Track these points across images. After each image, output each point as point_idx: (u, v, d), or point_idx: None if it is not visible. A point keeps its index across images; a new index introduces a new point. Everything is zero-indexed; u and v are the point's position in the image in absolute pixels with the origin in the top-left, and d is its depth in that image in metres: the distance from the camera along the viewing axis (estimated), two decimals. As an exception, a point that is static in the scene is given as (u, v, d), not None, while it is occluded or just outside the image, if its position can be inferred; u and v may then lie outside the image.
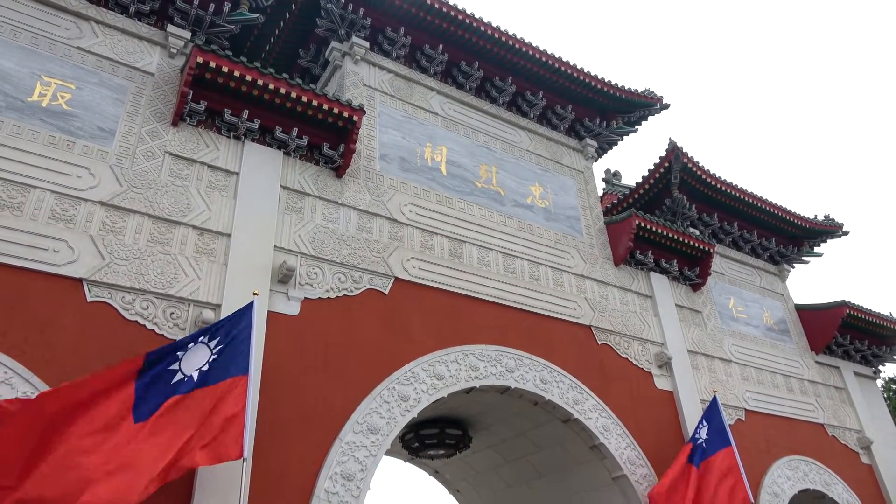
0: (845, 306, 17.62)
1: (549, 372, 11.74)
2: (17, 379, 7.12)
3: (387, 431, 9.40)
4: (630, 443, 12.11)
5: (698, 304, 15.77)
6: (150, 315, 8.30)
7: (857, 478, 16.11)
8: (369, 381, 9.62)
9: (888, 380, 33.10)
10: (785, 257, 19.19)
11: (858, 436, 17.02)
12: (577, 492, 13.02)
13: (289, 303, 9.48)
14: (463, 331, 11.08)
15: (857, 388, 18.08)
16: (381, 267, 10.71)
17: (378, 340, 10.05)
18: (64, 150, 8.77)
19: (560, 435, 12.35)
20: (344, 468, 8.75)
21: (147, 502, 7.12)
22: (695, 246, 15.35)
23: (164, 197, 9.19)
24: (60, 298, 7.82)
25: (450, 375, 10.46)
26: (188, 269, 8.84)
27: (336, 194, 10.97)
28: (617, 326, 13.49)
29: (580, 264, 13.76)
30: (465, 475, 15.40)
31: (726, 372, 15.17)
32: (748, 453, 13.65)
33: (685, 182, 16.24)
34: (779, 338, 17.35)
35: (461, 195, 12.73)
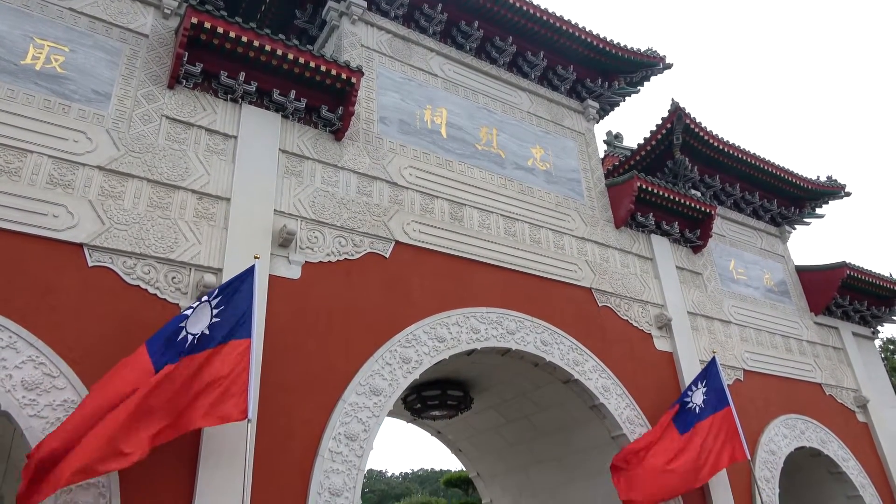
0: (845, 267, 17.65)
1: (550, 334, 11.82)
2: (22, 343, 7.17)
3: (389, 393, 9.51)
4: (629, 403, 12.27)
5: (699, 266, 15.79)
6: (151, 280, 8.32)
7: (852, 436, 16.36)
8: (371, 344, 9.70)
9: (886, 340, 33.40)
10: (786, 219, 19.14)
11: (855, 395, 17.23)
12: (577, 450, 13.25)
13: (290, 267, 9.49)
14: (464, 294, 11.12)
15: (856, 348, 18.24)
16: (381, 230, 10.69)
17: (379, 303, 10.10)
18: (60, 114, 8.67)
19: (560, 395, 12.50)
20: (347, 429, 8.88)
21: (154, 465, 7.29)
22: (696, 208, 15.30)
23: (163, 161, 9.13)
24: (62, 263, 7.83)
25: (451, 338, 10.54)
26: (188, 233, 8.82)
27: (335, 158, 10.89)
28: (617, 288, 13.54)
29: (581, 227, 13.73)
30: (467, 435, 15.65)
31: (726, 333, 15.28)
32: (746, 413, 13.83)
33: (687, 143, 16.09)
34: (778, 299, 17.43)
35: (461, 158, 12.64)
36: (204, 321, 7.56)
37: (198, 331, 7.47)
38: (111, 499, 6.97)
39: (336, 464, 8.58)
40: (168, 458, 7.41)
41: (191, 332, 7.43)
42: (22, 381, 7.00)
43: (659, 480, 11.12)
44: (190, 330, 7.44)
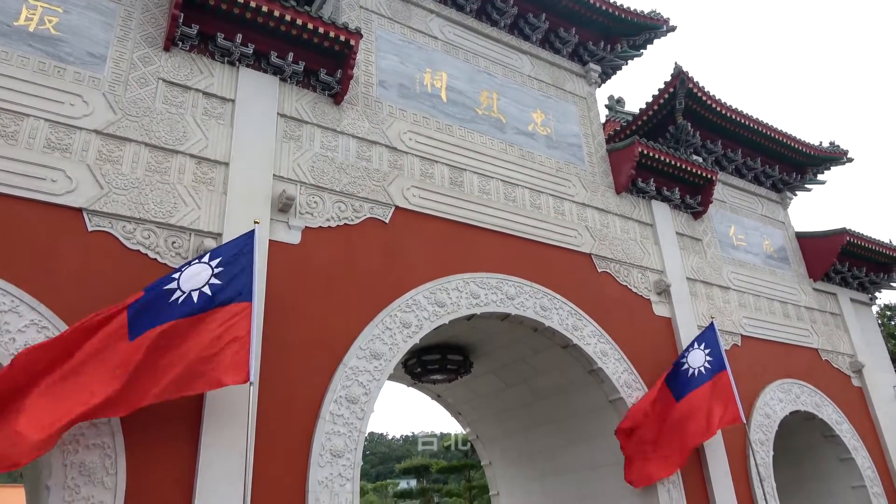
0: (846, 233, 17.65)
1: (549, 299, 11.88)
2: (24, 307, 7.21)
3: (389, 357, 9.60)
4: (627, 367, 12.39)
5: (699, 232, 15.79)
6: (151, 244, 8.32)
7: (847, 400, 16.58)
8: (371, 309, 9.75)
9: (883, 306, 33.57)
10: (788, 185, 19.07)
11: (851, 360, 17.40)
12: (575, 414, 13.43)
13: (290, 232, 9.49)
14: (464, 259, 11.14)
15: (853, 314, 18.36)
16: (381, 196, 10.66)
17: (379, 269, 10.12)
18: (55, 76, 8.56)
19: (559, 360, 12.62)
20: (348, 392, 8.99)
21: (157, 427, 7.40)
22: (697, 173, 15.23)
23: (160, 125, 9.05)
24: (61, 228, 7.82)
25: (451, 303, 10.59)
26: (187, 198, 8.80)
27: (334, 122, 10.79)
28: (617, 254, 13.56)
29: (581, 192, 13.68)
30: (467, 399, 15.85)
31: (724, 299, 15.35)
32: (742, 377, 13.98)
33: (689, 108, 15.93)
34: (778, 265, 17.47)
35: (461, 122, 12.52)
36: (202, 279, 7.54)
37: (195, 287, 7.43)
38: (116, 459, 7.09)
39: (337, 426, 8.70)
40: (171, 420, 7.52)
41: (183, 288, 7.41)
42: (25, 345, 7.04)
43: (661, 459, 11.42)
44: (183, 286, 7.42)
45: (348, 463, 8.60)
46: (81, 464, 6.91)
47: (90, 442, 7.01)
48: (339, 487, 8.41)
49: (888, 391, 17.91)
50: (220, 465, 7.55)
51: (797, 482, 16.38)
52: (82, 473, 6.88)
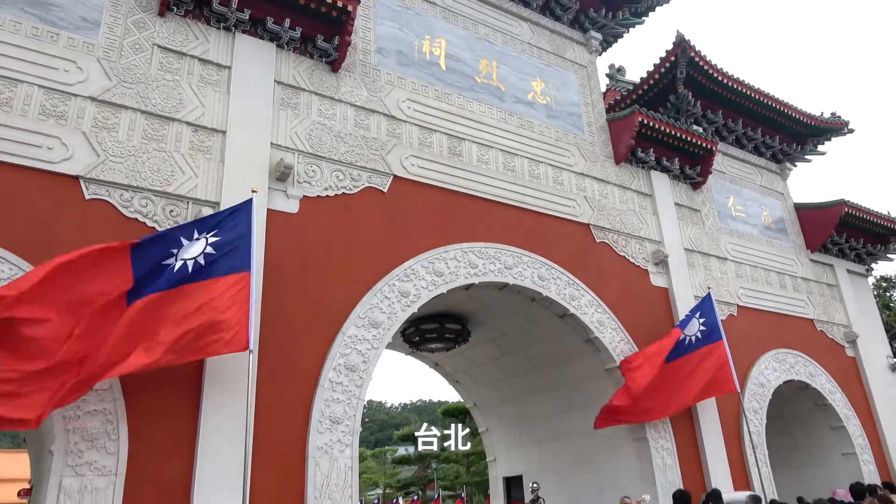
0: (844, 205, 17.66)
1: (547, 269, 11.92)
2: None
3: (388, 326, 9.67)
4: (624, 337, 12.50)
5: (697, 202, 15.77)
6: (149, 213, 8.31)
7: (840, 369, 16.77)
8: (370, 278, 9.78)
9: (879, 278, 33.73)
10: (788, 156, 19.00)
11: (845, 330, 17.55)
12: (571, 382, 13.59)
13: (288, 201, 9.46)
14: (462, 229, 11.14)
15: (849, 285, 18.47)
16: (379, 165, 10.61)
17: (378, 238, 10.13)
18: (48, 42, 8.44)
19: (556, 329, 12.72)
20: (347, 360, 9.07)
21: (158, 394, 7.48)
22: (697, 144, 15.15)
23: (156, 92, 8.95)
24: (59, 196, 7.79)
25: (449, 272, 10.63)
26: (185, 166, 8.75)
27: (332, 90, 10.68)
28: (615, 225, 13.57)
29: (581, 162, 13.63)
30: (465, 367, 16.01)
31: (721, 270, 15.42)
32: (738, 347, 14.11)
33: (691, 77, 15.77)
34: (775, 236, 17.50)
35: (460, 91, 12.40)
36: (197, 250, 7.55)
37: (189, 257, 7.46)
38: (118, 424, 7.18)
39: (336, 393, 8.81)
40: (172, 387, 7.60)
41: (181, 257, 7.43)
42: (25, 312, 7.07)
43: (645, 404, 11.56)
44: (181, 256, 7.44)
45: (347, 429, 8.72)
46: (84, 429, 7.00)
47: (92, 408, 7.09)
48: (339, 453, 8.54)
49: (881, 361, 18.12)
50: (220, 430, 7.66)
51: (789, 449, 16.67)
52: (85, 439, 6.98)
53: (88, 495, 6.81)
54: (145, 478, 7.21)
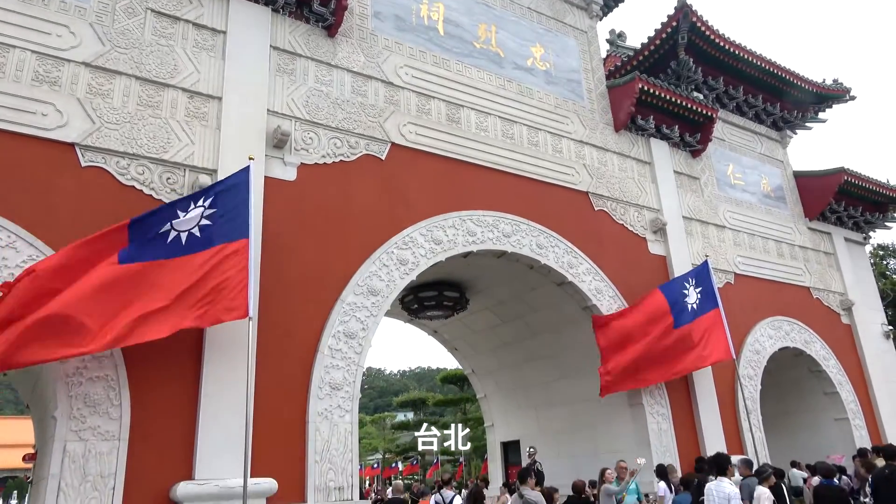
0: (843, 173, 17.62)
1: (546, 237, 11.93)
2: (21, 243, 7.21)
3: (386, 293, 9.71)
4: (621, 304, 12.57)
5: (697, 170, 15.72)
6: (146, 180, 8.26)
7: (835, 337, 16.93)
8: (369, 246, 9.79)
9: (877, 246, 33.81)
10: (788, 123, 18.87)
11: (841, 298, 17.67)
12: (568, 349, 13.71)
13: (285, 168, 9.41)
14: (460, 196, 11.11)
15: (846, 253, 18.53)
16: (377, 132, 10.53)
17: (376, 206, 10.10)
18: (39, 6, 8.28)
19: (554, 297, 12.78)
20: (346, 327, 9.13)
21: (159, 361, 7.54)
22: (697, 111, 15.03)
23: (150, 57, 8.82)
24: (55, 163, 7.74)
25: (447, 240, 10.63)
26: (181, 133, 8.68)
27: (329, 55, 10.54)
28: (614, 193, 13.53)
29: (580, 130, 13.54)
30: (463, 334, 16.13)
31: (719, 238, 15.44)
32: (734, 314, 14.22)
33: (692, 43, 15.56)
34: (774, 204, 17.49)
35: (459, 57, 12.24)
36: (194, 221, 7.54)
37: (186, 227, 7.45)
38: (120, 391, 7.26)
39: (336, 360, 8.89)
40: (173, 354, 7.65)
41: (177, 228, 7.43)
42: (24, 280, 7.09)
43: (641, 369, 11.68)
44: (177, 228, 7.44)
45: (347, 395, 8.82)
46: (86, 395, 7.08)
47: (94, 374, 7.15)
48: (339, 418, 8.66)
49: (876, 329, 18.28)
50: (221, 397, 7.74)
51: (783, 414, 16.91)
52: (87, 404, 7.05)
53: (92, 459, 6.92)
54: (148, 443, 7.32)
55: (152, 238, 7.31)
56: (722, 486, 6.95)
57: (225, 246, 7.59)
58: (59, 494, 6.69)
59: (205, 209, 7.62)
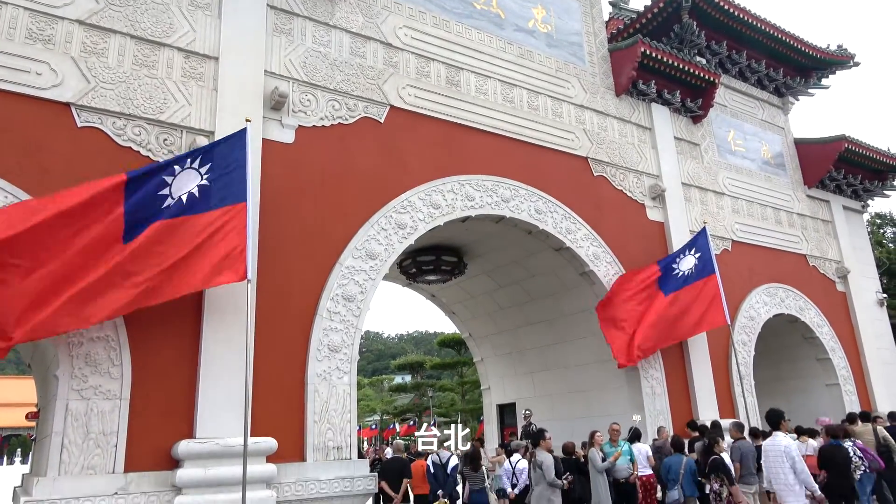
0: (844, 140, 17.54)
1: (544, 202, 11.91)
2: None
3: (385, 257, 9.73)
4: (618, 270, 12.63)
5: (697, 136, 15.63)
6: (143, 141, 8.20)
7: (830, 304, 17.08)
8: (367, 210, 9.78)
9: (874, 214, 33.85)
10: (791, 89, 18.69)
11: (837, 266, 17.77)
12: (565, 314, 13.83)
13: (283, 130, 9.34)
14: (459, 161, 11.06)
15: (844, 221, 18.57)
16: (376, 94, 10.42)
17: (375, 169, 10.06)
18: (30, -40, 8.08)
19: (552, 262, 12.84)
20: (344, 290, 9.18)
21: (160, 322, 7.59)
22: (700, 76, 14.87)
23: (145, 16, 8.66)
24: (50, 123, 7.66)
25: (446, 204, 10.62)
26: (177, 94, 8.58)
27: (326, 15, 10.36)
28: (614, 158, 13.48)
29: (580, 94, 13.40)
30: (461, 299, 16.23)
31: (718, 204, 15.44)
32: (731, 281, 14.31)
33: (696, 6, 15.32)
34: (774, 171, 17.45)
35: (459, 18, 12.04)
36: (190, 184, 7.50)
37: (184, 192, 7.42)
38: (120, 351, 7.33)
39: (334, 323, 8.96)
40: (173, 316, 7.70)
41: (175, 194, 7.40)
42: (23, 241, 7.09)
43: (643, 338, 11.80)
44: (174, 193, 7.41)
45: (345, 357, 8.92)
46: (87, 355, 7.15)
47: (94, 335, 7.21)
48: (337, 380, 8.77)
49: (870, 297, 18.43)
50: (221, 358, 7.82)
51: (775, 380, 17.16)
52: (88, 364, 7.13)
53: (95, 418, 7.03)
54: (149, 402, 7.42)
55: (151, 202, 7.27)
56: (777, 440, 7.03)
57: (223, 209, 7.56)
58: (63, 451, 6.82)
59: (201, 174, 7.58)
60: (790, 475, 6.75)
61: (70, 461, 6.82)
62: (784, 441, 7.02)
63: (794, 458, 6.78)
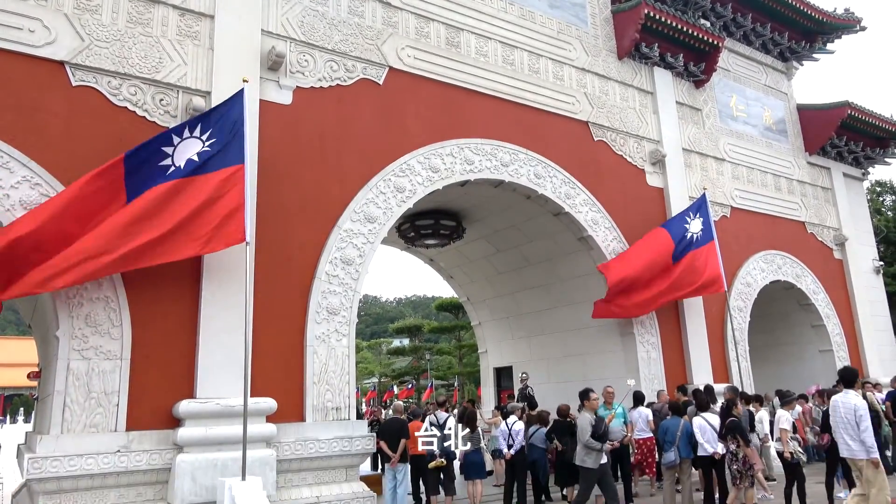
0: (847, 106, 17.38)
1: (544, 167, 11.85)
2: (15, 164, 7.14)
3: (383, 221, 9.72)
4: (616, 235, 12.64)
5: (699, 101, 15.47)
6: (139, 101, 8.10)
7: (826, 271, 17.15)
8: (365, 173, 9.72)
9: (874, 182, 33.75)
10: (795, 54, 18.43)
11: (835, 233, 17.79)
12: (563, 279, 13.89)
13: (280, 91, 9.22)
14: (459, 124, 10.96)
15: (844, 188, 18.53)
16: (374, 55, 10.26)
17: (373, 132, 9.97)
18: (20, -87, 7.86)
19: (550, 227, 12.84)
20: (343, 254, 9.19)
21: (159, 284, 7.62)
22: (703, 39, 14.65)
23: (139, -28, 8.46)
24: (45, 82, 7.56)
25: (445, 168, 10.56)
26: (173, 53, 8.44)
27: (325, -27, 10.12)
28: (614, 123, 13.36)
29: (582, 57, 13.21)
30: (459, 263, 16.27)
31: (718, 171, 15.37)
32: (729, 247, 14.34)
33: (702, -34, 15.00)
34: (775, 138, 17.33)
35: (460, -23, 11.77)
36: (192, 151, 7.47)
37: (185, 158, 7.40)
38: (120, 312, 7.37)
39: (333, 286, 8.99)
40: (172, 277, 7.72)
41: (177, 163, 7.39)
42: (20, 201, 7.07)
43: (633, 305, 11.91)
44: (176, 161, 7.39)
45: (344, 320, 8.98)
46: (87, 315, 7.19)
47: (93, 295, 7.25)
48: (336, 342, 8.85)
49: (867, 264, 18.51)
50: (221, 320, 7.87)
51: (770, 346, 17.35)
52: (88, 324, 7.18)
53: (96, 377, 7.11)
54: (150, 363, 7.49)
55: (152, 170, 7.27)
56: (848, 397, 7.17)
57: (221, 171, 7.52)
58: (65, 410, 6.91)
59: (203, 141, 7.54)
60: (853, 431, 7.01)
61: (72, 419, 6.92)
62: (855, 399, 7.18)
63: (861, 416, 7.00)
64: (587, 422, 8.07)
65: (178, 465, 7.15)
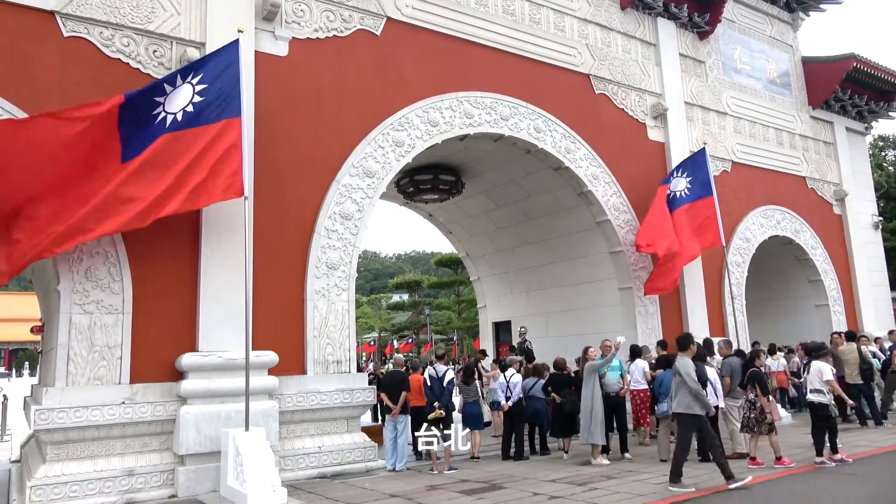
0: (853, 59, 17.09)
1: (544, 121, 11.72)
2: (8, 116, 7.03)
3: (382, 175, 9.66)
4: (616, 191, 12.59)
5: (703, 53, 15.20)
6: (132, 53, 7.95)
7: (825, 226, 17.16)
8: (363, 127, 9.61)
9: (877, 137, 33.46)
10: (802, 4, 18.01)
11: (836, 188, 17.73)
12: (562, 234, 13.89)
13: (276, 43, 9.04)
14: (458, 77, 10.78)
15: (846, 143, 18.37)
16: (372, 5, 10.02)
17: (371, 85, 9.82)
18: None
19: (550, 182, 12.77)
20: (342, 208, 9.17)
21: (158, 239, 7.61)
22: (709, -12, 14.29)
23: (128, -84, 8.18)
24: (36, 33, 7.40)
25: (444, 122, 10.44)
26: (165, 2, 8.24)
27: (320, -82, 9.80)
28: (616, 76, 13.15)
29: (584, 7, 12.92)
30: (458, 218, 16.25)
31: (720, 125, 15.21)
32: (728, 202, 14.30)
33: (710, -88, 14.52)
34: (779, 91, 17.09)
35: (459, -78, 11.40)
36: (185, 99, 7.34)
37: (179, 108, 7.28)
38: (120, 267, 7.40)
39: (332, 240, 9.00)
40: (171, 233, 7.71)
41: (169, 111, 7.27)
42: (15, 155, 7.00)
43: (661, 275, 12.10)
44: (168, 109, 7.27)
45: (343, 275, 9.02)
46: (87, 270, 7.22)
47: (93, 250, 7.25)
48: (336, 297, 8.91)
49: (866, 219, 18.50)
50: (220, 275, 7.90)
51: (767, 301, 17.48)
52: (89, 279, 7.21)
53: (98, 331, 7.18)
54: (151, 317, 7.55)
55: (146, 122, 7.16)
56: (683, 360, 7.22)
57: (217, 124, 7.42)
58: (69, 363, 7.00)
59: (194, 87, 7.40)
60: None
61: (77, 372, 7.01)
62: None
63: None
64: (692, 367, 7.26)
65: (182, 417, 7.29)
